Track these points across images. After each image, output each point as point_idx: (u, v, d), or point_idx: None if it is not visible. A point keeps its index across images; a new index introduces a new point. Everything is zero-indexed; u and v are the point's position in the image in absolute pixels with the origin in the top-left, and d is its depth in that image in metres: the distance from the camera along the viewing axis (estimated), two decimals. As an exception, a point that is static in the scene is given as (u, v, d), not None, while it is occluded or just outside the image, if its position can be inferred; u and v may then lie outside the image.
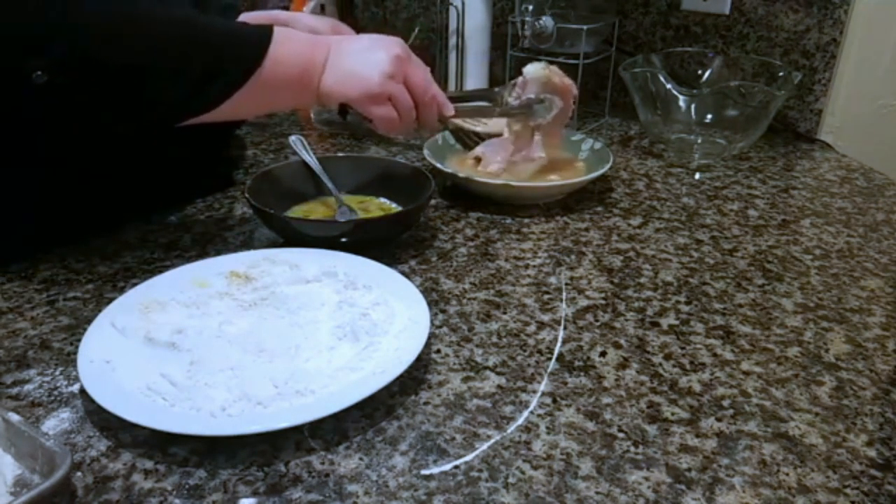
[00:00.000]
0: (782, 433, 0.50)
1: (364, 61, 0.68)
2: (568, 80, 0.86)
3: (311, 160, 0.82)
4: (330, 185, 0.80)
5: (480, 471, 0.46)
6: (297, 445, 0.48)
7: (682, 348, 0.59)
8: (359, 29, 1.12)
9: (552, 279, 0.69)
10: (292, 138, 0.87)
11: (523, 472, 0.46)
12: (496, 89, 0.90)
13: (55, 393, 0.52)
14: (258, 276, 0.63)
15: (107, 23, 0.58)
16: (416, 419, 0.50)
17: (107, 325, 0.55)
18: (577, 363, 0.57)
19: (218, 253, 0.71)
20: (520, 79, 0.85)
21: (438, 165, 0.85)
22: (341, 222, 0.73)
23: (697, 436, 0.49)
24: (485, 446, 0.48)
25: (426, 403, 0.52)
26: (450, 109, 0.76)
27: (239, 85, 0.63)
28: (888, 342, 0.60)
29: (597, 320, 0.63)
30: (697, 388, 0.54)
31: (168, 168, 0.80)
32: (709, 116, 1.00)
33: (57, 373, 0.54)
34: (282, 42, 0.65)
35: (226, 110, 0.64)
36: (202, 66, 0.62)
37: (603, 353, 0.58)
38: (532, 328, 0.61)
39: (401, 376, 0.51)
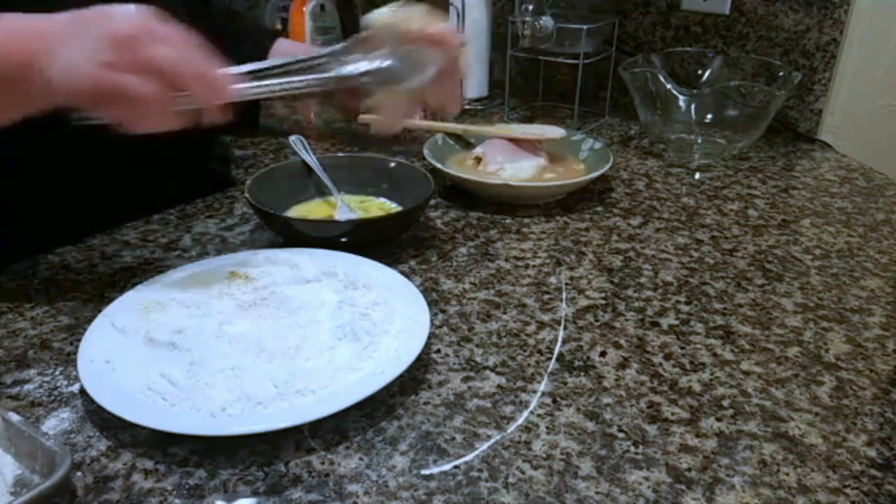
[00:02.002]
0: (782, 433, 0.50)
1: (81, 48, 0.52)
2: (442, 28, 0.65)
3: (311, 160, 0.82)
4: (330, 185, 0.80)
5: (480, 471, 0.46)
6: (297, 445, 0.48)
7: (682, 348, 0.59)
8: (358, 28, 1.10)
9: (552, 279, 0.69)
10: (292, 138, 0.87)
11: (523, 472, 0.46)
12: (325, 51, 0.65)
13: (55, 393, 0.52)
14: (258, 276, 0.63)
15: None
16: (416, 419, 0.50)
17: (107, 325, 0.55)
18: (577, 363, 0.57)
19: (218, 253, 0.71)
20: (363, 33, 0.64)
21: (438, 165, 0.85)
22: (341, 222, 0.73)
23: (697, 436, 0.49)
24: (485, 446, 0.48)
25: (426, 403, 0.52)
26: (228, 92, 0.56)
27: None
28: (888, 342, 0.60)
29: (597, 320, 0.63)
30: (697, 388, 0.54)
31: (167, 168, 0.80)
32: (709, 116, 1.00)
33: (57, 373, 0.54)
34: None
35: None
36: None
37: (603, 353, 0.58)
38: (532, 328, 0.61)
39: (401, 376, 0.51)
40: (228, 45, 0.84)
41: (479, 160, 0.89)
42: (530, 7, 1.08)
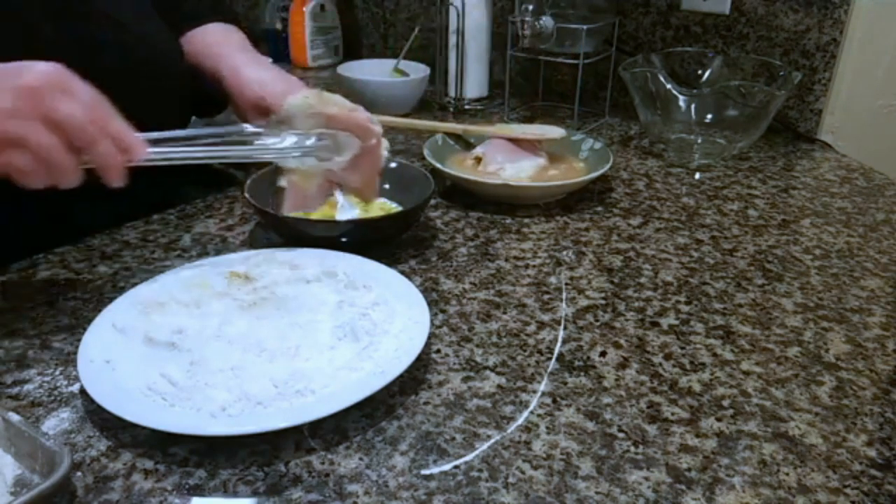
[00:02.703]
0: (782, 433, 0.50)
1: None
2: (360, 115, 0.68)
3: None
4: None
5: (480, 471, 0.46)
6: (297, 445, 0.48)
7: (682, 348, 0.59)
8: (358, 28, 1.12)
9: (552, 279, 0.69)
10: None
11: (523, 472, 0.46)
12: (244, 129, 0.68)
13: (55, 393, 0.52)
14: (258, 276, 0.63)
15: None
16: (416, 419, 0.50)
17: (107, 325, 0.55)
18: (577, 363, 0.57)
19: (218, 253, 0.71)
20: (281, 114, 0.68)
21: (438, 165, 0.85)
22: (341, 222, 0.73)
23: (697, 436, 0.49)
24: (485, 446, 0.48)
25: (426, 403, 0.52)
26: (138, 151, 0.55)
27: None
28: (888, 342, 0.60)
29: (597, 320, 0.63)
30: (697, 388, 0.54)
31: (167, 168, 0.80)
32: (709, 116, 1.00)
33: (57, 373, 0.54)
34: None
35: None
36: None
37: (603, 353, 0.58)
38: (532, 328, 0.61)
39: (401, 376, 0.51)
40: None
41: (479, 160, 0.89)
42: (530, 7, 1.08)
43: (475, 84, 1.23)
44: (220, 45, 0.83)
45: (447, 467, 0.46)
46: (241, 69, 0.78)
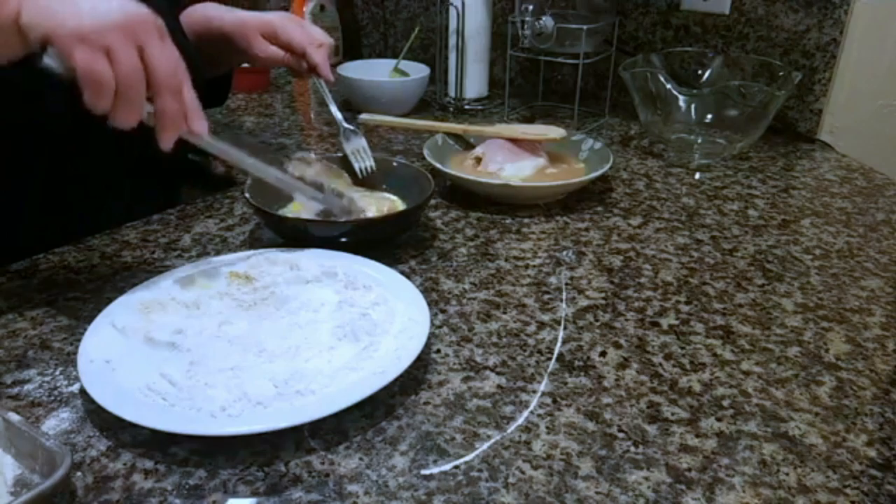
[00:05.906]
0: (782, 433, 0.50)
1: (90, 3, 0.50)
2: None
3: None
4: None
5: (480, 471, 0.46)
6: (297, 445, 0.48)
7: (682, 348, 0.59)
8: (358, 28, 1.11)
9: (552, 279, 0.69)
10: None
11: (523, 472, 0.46)
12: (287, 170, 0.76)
13: (55, 393, 0.52)
14: (258, 276, 0.63)
15: None
16: (416, 419, 0.50)
17: (107, 325, 0.55)
18: (577, 363, 0.57)
19: (218, 253, 0.71)
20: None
21: (438, 165, 0.85)
22: (341, 222, 0.73)
23: (697, 436, 0.49)
24: (485, 446, 0.48)
25: (426, 403, 0.52)
26: (200, 124, 0.56)
27: None
28: (888, 342, 0.60)
29: (597, 320, 0.63)
30: (697, 388, 0.54)
31: (167, 167, 0.80)
32: (709, 116, 1.00)
33: (57, 373, 0.54)
34: None
35: None
36: None
37: (603, 353, 0.58)
38: (532, 328, 0.61)
39: (401, 376, 0.51)
40: None
41: (479, 160, 0.89)
42: (530, 7, 1.08)
43: (475, 84, 1.23)
44: (214, 8, 0.92)
45: (447, 467, 0.46)
46: (241, 15, 0.90)
